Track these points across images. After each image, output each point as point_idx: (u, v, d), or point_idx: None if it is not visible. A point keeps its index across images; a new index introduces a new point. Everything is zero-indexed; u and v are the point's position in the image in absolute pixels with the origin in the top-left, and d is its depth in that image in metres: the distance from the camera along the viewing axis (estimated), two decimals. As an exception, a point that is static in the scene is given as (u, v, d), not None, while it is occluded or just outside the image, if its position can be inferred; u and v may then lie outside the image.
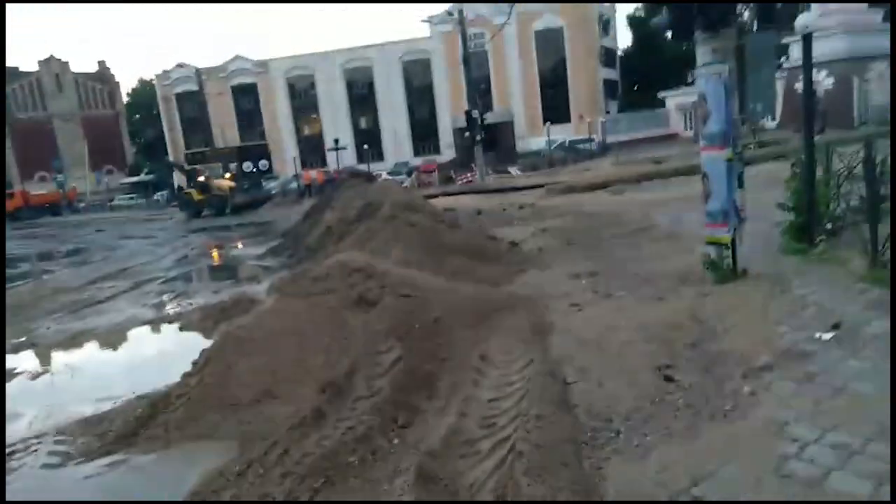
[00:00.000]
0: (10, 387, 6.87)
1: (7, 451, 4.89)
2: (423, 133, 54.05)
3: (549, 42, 50.80)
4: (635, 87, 59.40)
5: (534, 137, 47.09)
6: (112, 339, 8.71)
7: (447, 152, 50.29)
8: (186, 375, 5.32)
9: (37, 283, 15.34)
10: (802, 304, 4.99)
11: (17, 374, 7.34)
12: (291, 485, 3.47)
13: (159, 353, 7.89)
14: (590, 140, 43.72)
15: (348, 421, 4.07)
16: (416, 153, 52.21)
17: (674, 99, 46.89)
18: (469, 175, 32.54)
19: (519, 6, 37.75)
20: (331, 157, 46.36)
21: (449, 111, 51.05)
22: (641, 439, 3.49)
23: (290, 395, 4.83)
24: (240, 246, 18.33)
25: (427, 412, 4.21)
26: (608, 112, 52.21)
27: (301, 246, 14.30)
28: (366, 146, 47.23)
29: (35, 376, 7.31)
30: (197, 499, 3.67)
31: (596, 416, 3.79)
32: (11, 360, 7.88)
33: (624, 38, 64.10)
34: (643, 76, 56.88)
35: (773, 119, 31.14)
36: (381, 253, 8.37)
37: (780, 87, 31.00)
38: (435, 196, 21.60)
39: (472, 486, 3.20)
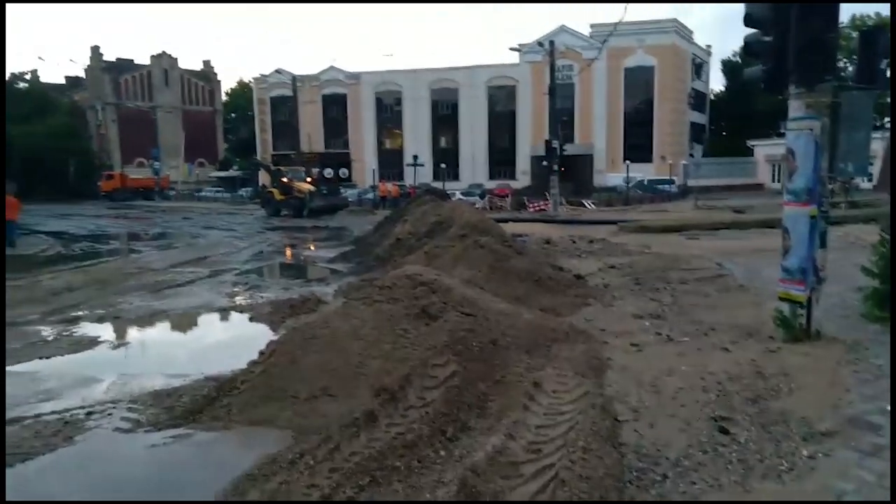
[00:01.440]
0: (94, 353, 7.41)
1: (85, 411, 5.30)
2: (501, 158, 54.46)
3: (639, 80, 50.32)
4: (723, 133, 57.84)
5: (612, 173, 46.62)
6: (187, 320, 9.23)
7: (522, 179, 50.46)
8: (252, 363, 5.60)
9: (125, 261, 16.42)
10: (877, 374, 4.78)
11: (100, 342, 7.89)
12: (339, 479, 3.61)
13: (228, 340, 8.31)
14: (670, 181, 42.86)
15: (398, 427, 4.20)
16: (492, 177, 52.64)
17: (763, 149, 45.43)
18: (542, 203, 32.50)
19: (612, 42, 37.64)
20: (408, 172, 47.40)
21: (529, 139, 51.28)
22: (689, 487, 3.45)
23: (345, 395, 5.01)
24: (312, 248, 18.98)
25: (475, 429, 4.29)
26: (692, 155, 51.10)
27: (370, 254, 14.70)
28: (443, 165, 47.99)
29: (115, 346, 7.84)
30: (250, 480, 3.87)
31: (644, 457, 3.77)
32: (96, 329, 8.49)
33: (716, 82, 62.63)
34: (732, 122, 55.43)
35: (870, 181, 29.64)
36: (447, 270, 8.54)
37: (879, 147, 29.56)
38: (505, 221, 21.70)
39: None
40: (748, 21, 6.27)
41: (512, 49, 49.80)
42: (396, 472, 3.73)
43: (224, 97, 76.45)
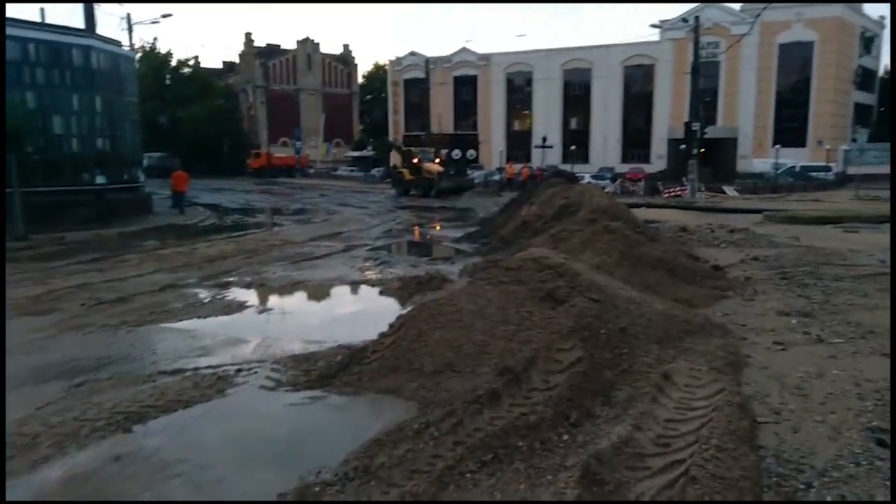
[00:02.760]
0: (242, 316, 8.10)
1: (235, 368, 5.82)
2: (635, 140, 52.21)
3: (795, 56, 45.87)
4: None
5: (758, 158, 43.07)
6: (322, 291, 9.81)
7: (657, 163, 48.10)
8: (382, 335, 5.84)
9: (269, 234, 17.73)
10: None
11: (248, 307, 8.61)
12: (462, 452, 3.70)
13: (359, 311, 8.74)
14: (826, 168, 38.88)
15: (521, 408, 4.21)
16: (624, 160, 50.65)
17: (946, 133, 39.70)
18: (678, 189, 30.81)
19: (766, 16, 34.61)
20: (536, 153, 46.83)
21: (666, 121, 48.68)
22: (837, 500, 3.16)
23: (469, 372, 5.09)
24: (438, 228, 19.38)
25: (600, 417, 4.20)
26: (854, 140, 45.90)
27: (496, 236, 14.75)
28: (573, 147, 46.91)
29: (260, 311, 8.52)
30: (378, 445, 4.06)
31: (786, 462, 3.50)
32: (244, 295, 9.27)
33: (889, 57, 55.46)
34: (908, 102, 48.96)
35: None
36: (574, 254, 8.37)
37: None
38: (638, 206, 20.83)
39: (637, 499, 3.16)
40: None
41: (652, 26, 47.41)
42: (518, 451, 3.75)
43: (361, 80, 79.57)
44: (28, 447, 4.16)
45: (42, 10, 61.31)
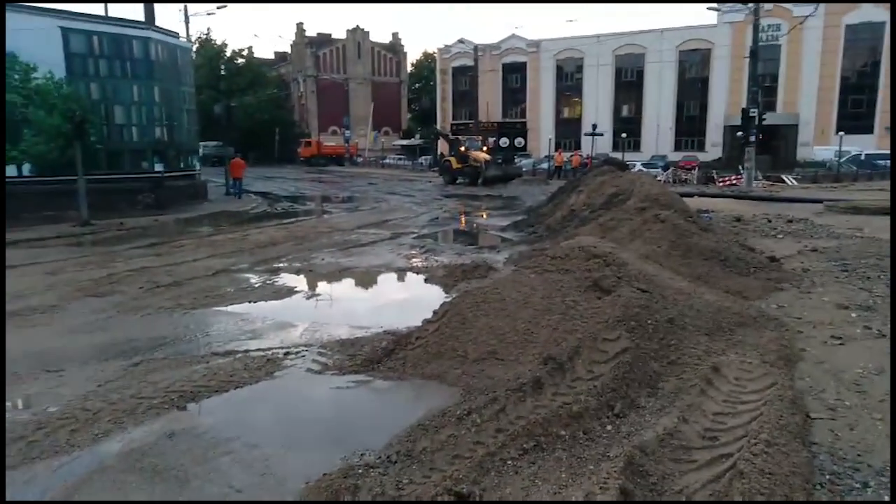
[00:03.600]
0: (291, 301, 8.28)
1: (283, 351, 5.97)
2: (689, 128, 50.74)
3: (863, 38, 43.57)
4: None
5: (820, 146, 41.22)
6: (369, 277, 9.93)
7: (712, 151, 46.64)
8: (426, 322, 5.89)
9: (318, 221, 18.04)
10: None
11: (296, 292, 8.80)
12: (504, 440, 3.70)
13: (405, 298, 8.81)
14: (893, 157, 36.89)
15: (565, 397, 4.18)
16: (677, 148, 49.34)
17: None
18: (734, 178, 29.82)
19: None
20: (586, 141, 46.07)
21: (722, 107, 47.11)
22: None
23: (512, 360, 5.08)
24: (485, 216, 19.32)
25: (645, 409, 4.13)
26: (928, 126, 43.41)
27: (542, 224, 14.61)
28: (624, 134, 45.86)
29: (308, 297, 8.70)
30: (421, 430, 4.10)
31: (840, 460, 3.37)
32: (293, 280, 9.48)
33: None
34: None
35: None
36: (623, 244, 8.22)
37: None
38: (690, 195, 20.28)
39: (682, 492, 3.10)
40: None
41: (710, 8, 45.75)
42: (561, 440, 3.73)
43: (409, 68, 79.73)
44: (90, 421, 4.38)
45: (105, 4, 63.73)
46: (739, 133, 29.57)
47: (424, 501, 3.23)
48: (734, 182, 29.37)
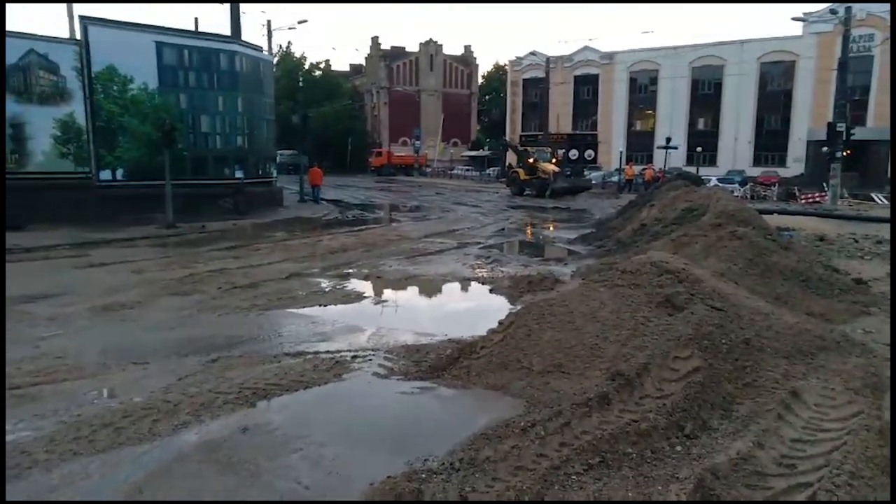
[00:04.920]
0: (359, 306, 8.46)
1: (351, 354, 6.10)
2: (769, 142, 48.67)
3: (967, 47, 40.51)
4: None
5: (916, 163, 38.59)
6: (435, 286, 10.03)
7: (794, 167, 44.57)
8: (491, 332, 5.89)
9: (386, 229, 18.37)
10: None
11: (364, 297, 9.00)
12: (568, 454, 3.66)
13: (470, 308, 8.85)
14: None
15: (633, 414, 4.09)
16: (756, 163, 47.41)
17: None
18: (817, 195, 28.38)
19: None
20: (658, 154, 44.93)
21: (806, 121, 44.96)
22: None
23: (578, 374, 5.02)
24: (552, 228, 19.15)
25: (717, 431, 3.99)
26: None
27: (611, 238, 14.35)
28: (699, 148, 44.45)
29: (376, 302, 8.87)
30: (484, 439, 4.10)
31: (934, 499, 3.14)
32: (362, 286, 9.68)
33: None
34: None
35: None
36: (696, 260, 7.96)
37: None
38: (769, 212, 19.37)
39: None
40: None
41: (794, 19, 43.90)
42: (627, 458, 3.65)
43: (480, 80, 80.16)
44: (171, 413, 4.62)
45: (196, 19, 67.31)
46: (825, 148, 28.10)
47: (478, 502, 3.23)
48: (818, 199, 27.95)
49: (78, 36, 17.86)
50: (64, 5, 18.94)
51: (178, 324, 7.31)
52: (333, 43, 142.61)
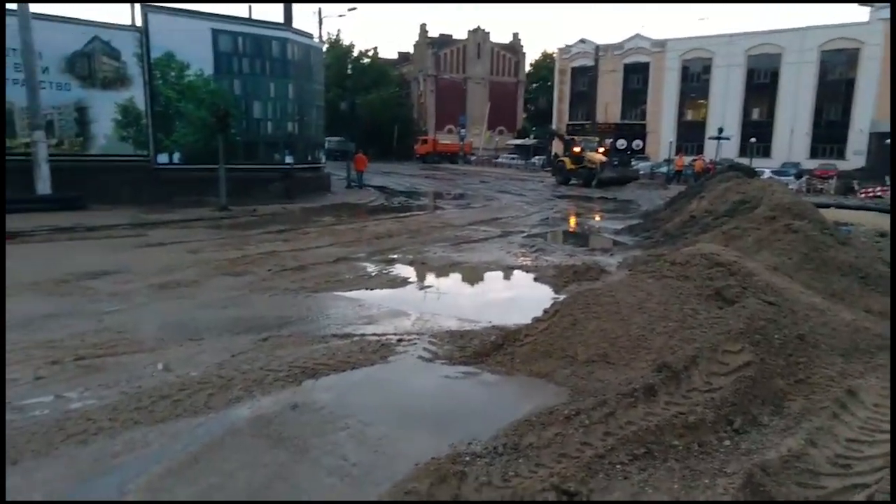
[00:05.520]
0: (404, 291, 8.56)
1: (397, 338, 6.20)
2: (828, 134, 46.72)
3: None
4: None
5: None
6: (479, 273, 10.04)
7: (854, 159, 42.72)
8: (536, 320, 5.88)
9: (431, 216, 18.45)
10: None
11: (409, 282, 9.09)
12: (613, 443, 3.65)
13: (514, 296, 8.83)
14: None
15: (679, 406, 4.04)
16: (813, 155, 45.63)
17: None
18: (879, 189, 27.19)
19: None
20: (709, 145, 43.77)
21: (869, 112, 42.94)
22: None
23: (623, 364, 4.98)
24: (598, 218, 18.90)
25: (768, 427, 3.91)
26: None
27: (659, 229, 14.08)
28: (752, 139, 43.06)
29: (420, 287, 8.96)
30: (528, 425, 4.12)
31: None
32: (407, 271, 9.78)
33: None
34: None
35: None
36: (748, 254, 7.76)
37: None
38: (826, 206, 18.71)
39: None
40: None
41: (861, 3, 41.87)
42: (674, 450, 3.62)
43: (528, 68, 79.32)
44: (224, 387, 4.79)
45: (249, 7, 68.53)
46: (888, 140, 26.84)
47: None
48: (878, 194, 26.77)
49: (139, 23, 18.44)
50: (125, -7, 19.55)
51: (231, 303, 7.55)
52: (381, 31, 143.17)
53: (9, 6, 15.51)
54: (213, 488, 3.45)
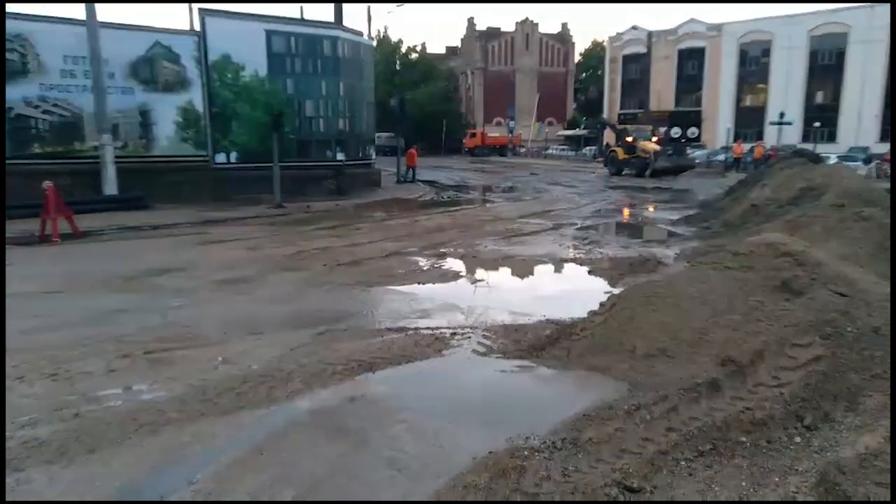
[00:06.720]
0: (456, 285, 8.57)
1: (450, 331, 6.21)
2: (901, 116, 44.14)
3: None
4: None
5: None
6: (531, 266, 9.97)
7: (929, 142, 40.23)
8: (592, 313, 5.79)
9: (481, 209, 18.43)
10: None
11: (461, 276, 9.10)
12: (677, 439, 3.57)
13: (568, 289, 8.73)
14: None
15: (745, 402, 3.91)
16: (883, 138, 43.28)
17: None
18: (957, 174, 25.54)
19: None
20: (770, 131, 42.13)
21: (948, 91, 40.40)
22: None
23: (684, 359, 4.84)
24: (652, 209, 18.47)
25: (841, 424, 3.74)
26: None
27: (718, 220, 13.65)
28: (816, 124, 41.23)
29: (473, 281, 8.95)
30: (587, 420, 4.07)
31: None
32: (458, 265, 9.79)
33: None
34: None
35: None
36: (816, 243, 7.43)
37: None
38: (899, 192, 17.72)
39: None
40: None
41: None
42: (741, 447, 3.51)
43: (577, 58, 78.11)
44: (285, 380, 4.90)
45: (301, 7, 69.86)
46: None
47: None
48: (959, 178, 25.14)
49: (197, 27, 19.03)
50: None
51: (289, 298, 7.72)
52: (429, 25, 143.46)
53: (77, 16, 16.28)
54: (278, 478, 3.54)
